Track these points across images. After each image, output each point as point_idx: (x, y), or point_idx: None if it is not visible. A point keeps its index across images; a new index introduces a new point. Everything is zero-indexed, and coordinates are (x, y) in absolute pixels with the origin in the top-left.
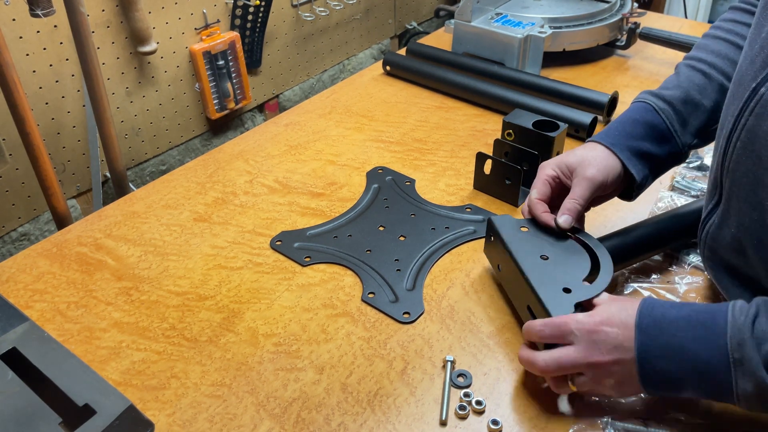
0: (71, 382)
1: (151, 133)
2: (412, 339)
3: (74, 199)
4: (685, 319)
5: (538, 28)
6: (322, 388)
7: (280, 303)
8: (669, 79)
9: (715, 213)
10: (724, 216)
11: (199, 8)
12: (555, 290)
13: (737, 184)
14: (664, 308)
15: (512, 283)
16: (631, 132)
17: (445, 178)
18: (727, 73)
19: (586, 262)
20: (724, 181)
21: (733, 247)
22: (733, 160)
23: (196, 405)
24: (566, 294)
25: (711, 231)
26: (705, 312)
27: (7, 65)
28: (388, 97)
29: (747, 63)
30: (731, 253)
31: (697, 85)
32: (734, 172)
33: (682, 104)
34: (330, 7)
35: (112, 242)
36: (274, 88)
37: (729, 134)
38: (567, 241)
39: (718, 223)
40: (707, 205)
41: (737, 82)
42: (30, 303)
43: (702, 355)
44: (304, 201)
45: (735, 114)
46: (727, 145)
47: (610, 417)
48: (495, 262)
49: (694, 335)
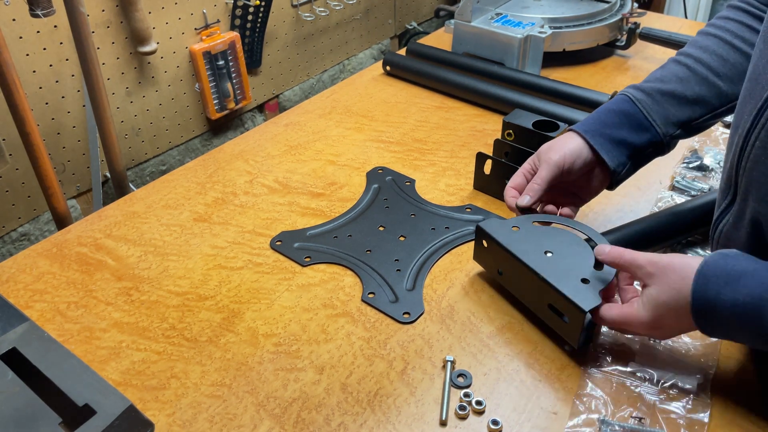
0: (71, 382)
1: (151, 133)
2: (412, 339)
3: (74, 199)
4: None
5: (538, 28)
6: (322, 388)
7: (280, 303)
8: (653, 72)
9: (728, 212)
10: (739, 216)
11: (199, 8)
12: (575, 283)
13: (755, 184)
14: (717, 292)
15: (523, 285)
16: (606, 120)
17: (445, 178)
18: (712, 68)
19: (588, 250)
20: (740, 181)
21: (749, 247)
22: (751, 159)
23: (196, 405)
24: (586, 284)
25: (725, 231)
26: None
27: (7, 65)
28: (388, 97)
29: (764, 62)
30: (746, 253)
31: (679, 77)
32: (751, 171)
33: (661, 95)
34: (330, 7)
35: (112, 242)
36: (274, 88)
37: (746, 133)
38: (563, 233)
39: (733, 222)
40: (720, 204)
41: (753, 80)
42: (30, 303)
43: (758, 343)
44: (304, 201)
45: (753, 113)
46: (744, 144)
47: (606, 416)
48: (493, 266)
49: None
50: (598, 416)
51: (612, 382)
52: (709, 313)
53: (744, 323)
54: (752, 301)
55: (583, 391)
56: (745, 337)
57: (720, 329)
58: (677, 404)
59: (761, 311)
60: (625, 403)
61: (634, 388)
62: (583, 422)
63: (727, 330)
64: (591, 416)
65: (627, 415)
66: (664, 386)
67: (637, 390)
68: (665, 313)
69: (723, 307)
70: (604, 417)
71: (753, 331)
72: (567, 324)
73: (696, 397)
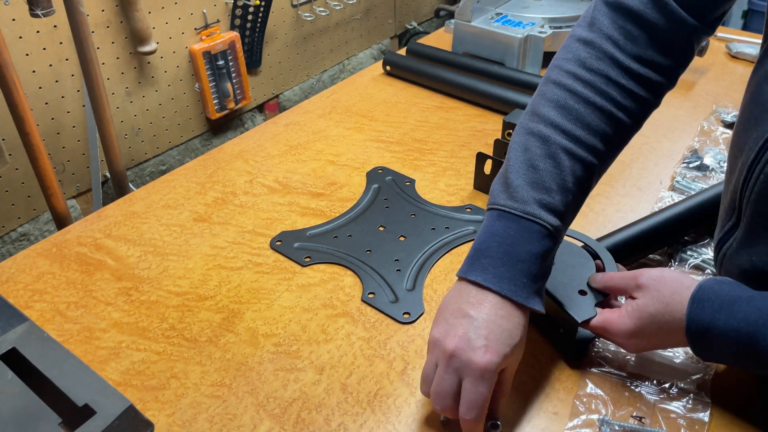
0: (71, 382)
1: (151, 133)
2: (412, 339)
3: (74, 199)
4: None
5: (538, 28)
6: (322, 388)
7: (280, 303)
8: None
9: (732, 236)
10: (744, 242)
11: (199, 8)
12: (572, 294)
13: (762, 216)
14: (713, 316)
15: None
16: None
17: (445, 178)
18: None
19: (589, 261)
20: (744, 208)
21: (752, 275)
22: (756, 191)
23: (196, 405)
24: (583, 296)
25: (728, 254)
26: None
27: (7, 65)
28: (388, 97)
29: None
30: (749, 280)
31: (579, 179)
32: (756, 204)
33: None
34: (330, 7)
35: (112, 242)
36: (274, 88)
37: (751, 163)
38: (563, 243)
39: (737, 248)
40: (723, 224)
41: (759, 104)
42: (30, 303)
43: (751, 367)
44: (304, 201)
45: (759, 143)
46: (749, 173)
47: (606, 416)
48: None
49: (740, 353)
50: (598, 416)
51: (612, 382)
52: (703, 336)
53: (738, 348)
54: (747, 327)
55: (582, 391)
56: (738, 361)
57: (714, 353)
58: (677, 404)
59: (755, 336)
60: (625, 403)
61: (634, 387)
62: (583, 422)
63: (720, 353)
64: (591, 416)
65: (627, 414)
66: (664, 386)
67: (637, 390)
68: (649, 325)
69: (717, 331)
70: (604, 417)
71: (747, 356)
72: (561, 334)
73: (696, 397)
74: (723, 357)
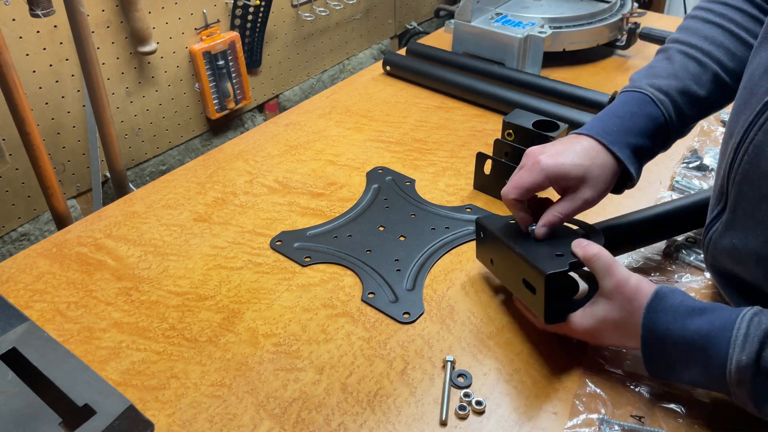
0: (71, 382)
1: (151, 133)
2: (412, 339)
3: (74, 199)
4: (688, 341)
5: (538, 28)
6: (322, 388)
7: (280, 303)
8: (661, 64)
9: (719, 220)
10: (728, 225)
11: (199, 8)
12: (545, 255)
13: (743, 198)
14: (667, 323)
15: (506, 269)
16: (631, 128)
17: (445, 178)
18: (722, 63)
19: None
20: (730, 191)
21: (735, 257)
22: (739, 173)
23: (196, 405)
24: (558, 258)
25: (714, 237)
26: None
27: (7, 65)
28: (388, 97)
29: (761, 71)
30: (732, 262)
31: (693, 74)
32: (740, 185)
33: (680, 95)
34: (330, 7)
35: (112, 242)
36: (274, 88)
37: (737, 145)
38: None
39: (721, 231)
40: (712, 209)
41: (749, 89)
42: (30, 303)
43: (699, 380)
44: (304, 201)
45: (744, 126)
46: (735, 156)
47: (605, 415)
48: (488, 258)
49: (692, 362)
50: (597, 416)
51: (611, 382)
52: (658, 345)
53: (690, 359)
54: (699, 338)
55: (582, 390)
56: (689, 374)
57: (667, 364)
58: (677, 404)
59: (707, 348)
60: (625, 403)
61: (633, 387)
62: (583, 422)
63: (673, 365)
64: (590, 416)
65: (626, 414)
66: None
67: (637, 389)
68: (610, 328)
69: (671, 341)
70: (603, 416)
71: (699, 367)
72: (535, 296)
73: (695, 396)
74: (676, 370)
